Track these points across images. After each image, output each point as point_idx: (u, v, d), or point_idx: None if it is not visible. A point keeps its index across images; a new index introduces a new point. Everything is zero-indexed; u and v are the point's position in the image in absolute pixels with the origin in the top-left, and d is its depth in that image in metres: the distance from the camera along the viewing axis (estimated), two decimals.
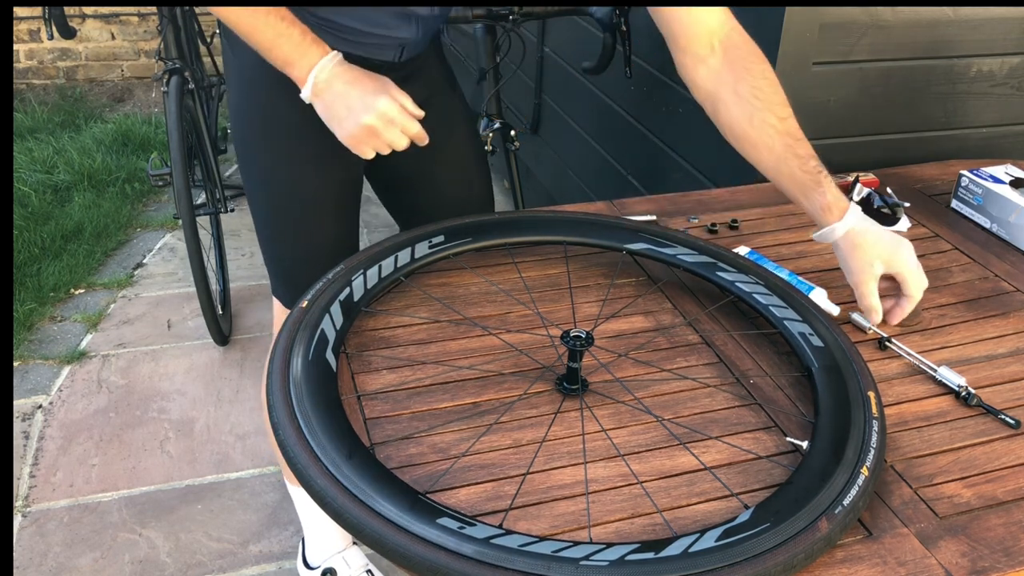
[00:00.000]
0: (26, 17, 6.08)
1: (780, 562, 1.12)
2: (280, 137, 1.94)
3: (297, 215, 1.99)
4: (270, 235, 2.05)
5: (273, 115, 1.92)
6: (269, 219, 2.03)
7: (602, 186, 3.42)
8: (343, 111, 1.68)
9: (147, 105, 6.07)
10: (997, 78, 2.49)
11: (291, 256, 2.04)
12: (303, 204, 1.98)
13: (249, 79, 1.92)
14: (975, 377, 1.58)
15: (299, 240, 2.02)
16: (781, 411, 1.47)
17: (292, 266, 2.05)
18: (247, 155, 2.00)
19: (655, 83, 2.87)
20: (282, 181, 1.97)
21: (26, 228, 4.25)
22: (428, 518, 1.14)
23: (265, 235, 2.07)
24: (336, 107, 1.69)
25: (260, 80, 1.88)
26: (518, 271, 1.83)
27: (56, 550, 2.69)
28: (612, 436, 1.40)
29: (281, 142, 1.94)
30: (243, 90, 1.95)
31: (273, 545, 2.74)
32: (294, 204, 1.98)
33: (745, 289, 1.68)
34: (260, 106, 1.93)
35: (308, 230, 2.01)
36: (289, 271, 2.06)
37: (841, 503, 1.21)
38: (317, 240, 2.01)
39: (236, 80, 1.96)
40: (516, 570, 1.08)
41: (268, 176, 1.98)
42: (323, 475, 1.20)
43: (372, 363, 1.55)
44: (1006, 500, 1.32)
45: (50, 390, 3.35)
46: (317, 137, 1.84)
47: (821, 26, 2.23)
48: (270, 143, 1.95)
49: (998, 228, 2.05)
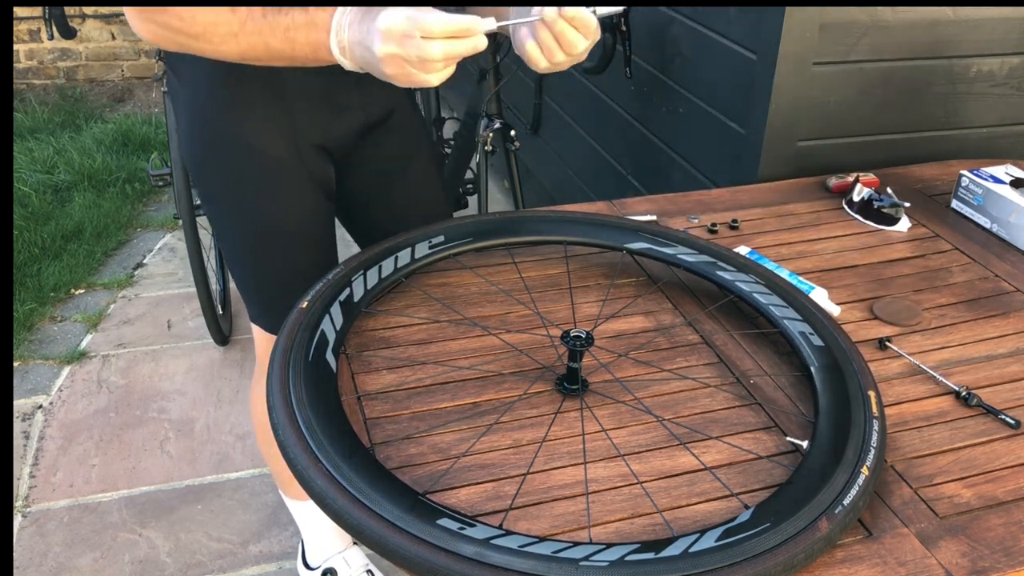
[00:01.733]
0: (26, 17, 6.08)
1: (780, 562, 1.12)
2: (256, 165, 1.87)
3: (282, 241, 1.94)
4: (250, 264, 1.98)
5: (245, 146, 1.85)
6: (248, 248, 1.96)
7: (602, 186, 3.42)
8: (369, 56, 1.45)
9: (147, 105, 6.07)
10: (997, 78, 2.49)
11: (274, 282, 1.97)
12: (286, 230, 1.93)
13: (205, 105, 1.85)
14: (975, 377, 1.58)
15: (282, 266, 1.96)
16: (781, 411, 1.47)
17: (275, 292, 1.97)
18: (216, 187, 1.93)
19: (655, 83, 2.87)
20: (260, 209, 1.91)
21: (26, 228, 4.25)
22: (428, 519, 1.14)
23: (243, 264, 1.99)
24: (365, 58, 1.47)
25: (216, 106, 1.83)
26: (518, 271, 1.83)
27: (56, 550, 2.69)
28: (612, 436, 1.40)
29: (257, 170, 1.88)
30: (196, 119, 1.87)
31: (273, 545, 2.74)
32: (276, 231, 1.93)
33: (745, 288, 1.68)
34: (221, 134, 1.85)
35: (291, 255, 1.95)
36: (273, 298, 1.98)
37: (841, 503, 1.21)
38: (300, 263, 1.95)
39: (187, 108, 1.89)
40: (516, 571, 1.08)
41: (246, 206, 1.91)
42: (323, 476, 1.20)
43: (372, 363, 1.55)
44: (1006, 500, 1.32)
45: (50, 390, 3.35)
46: (293, 161, 1.85)
47: (821, 26, 2.23)
48: (245, 173, 1.88)
49: (998, 228, 2.05)
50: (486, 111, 2.97)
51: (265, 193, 1.89)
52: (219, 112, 1.84)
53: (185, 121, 1.90)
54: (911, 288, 1.84)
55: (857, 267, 1.91)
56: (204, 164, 1.90)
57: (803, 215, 2.11)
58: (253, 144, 1.85)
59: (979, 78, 2.48)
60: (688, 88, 2.70)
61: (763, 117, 2.32)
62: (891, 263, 1.93)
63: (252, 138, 1.84)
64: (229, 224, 1.96)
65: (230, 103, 1.82)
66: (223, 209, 1.94)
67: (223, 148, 1.86)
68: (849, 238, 2.02)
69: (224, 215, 1.95)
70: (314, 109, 1.86)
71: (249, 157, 1.86)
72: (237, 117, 1.83)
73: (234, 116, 1.83)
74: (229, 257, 2.02)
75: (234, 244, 1.98)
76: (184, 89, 1.88)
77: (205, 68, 1.74)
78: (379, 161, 2.02)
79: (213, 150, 1.88)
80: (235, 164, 1.87)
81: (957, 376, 1.58)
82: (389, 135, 2.01)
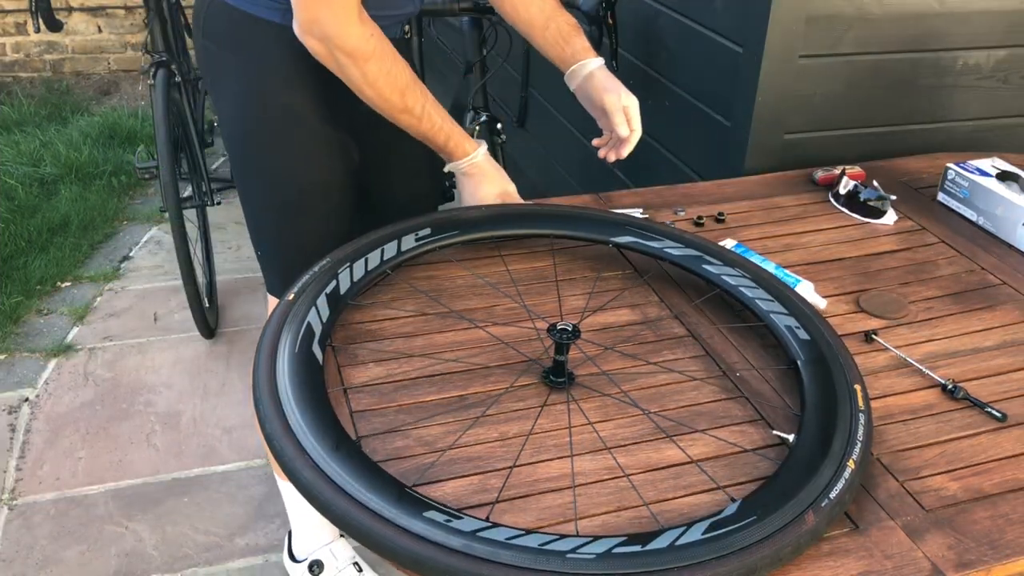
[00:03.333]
0: (12, 10, 6.05)
1: (767, 555, 1.13)
2: (306, 137, 1.95)
3: (322, 208, 2.00)
4: (277, 231, 2.05)
5: (299, 117, 1.93)
6: (287, 217, 2.01)
7: (589, 179, 3.41)
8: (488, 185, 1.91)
9: (134, 98, 6.05)
10: (984, 71, 2.50)
11: (296, 248, 2.02)
12: (327, 197, 2.00)
13: (258, 77, 1.91)
14: (961, 370, 1.58)
15: (315, 236, 1.99)
16: (767, 404, 1.47)
17: (295, 260, 1.95)
18: (261, 157, 1.99)
19: (641, 76, 2.87)
20: (305, 177, 1.98)
21: (12, 221, 4.24)
22: (415, 511, 1.14)
23: (277, 233, 2.06)
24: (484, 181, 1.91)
25: (273, 78, 1.90)
26: (505, 265, 1.83)
27: (43, 543, 2.68)
28: (598, 429, 1.40)
29: (307, 141, 1.95)
30: (250, 89, 1.93)
31: (259, 538, 2.73)
32: (317, 200, 1.99)
33: (731, 282, 1.68)
34: (273, 104, 1.92)
35: (326, 224, 2.01)
36: (291, 266, 1.95)
37: (828, 496, 1.22)
38: (333, 232, 1.99)
39: (238, 79, 1.94)
40: (503, 563, 1.08)
41: (291, 174, 1.97)
42: (310, 468, 1.19)
43: (359, 356, 1.54)
44: (992, 493, 1.32)
45: (36, 383, 3.34)
46: (339, 134, 1.93)
47: (807, 19, 2.23)
48: (295, 142, 1.95)
49: (984, 221, 2.05)
50: (472, 104, 2.97)
51: (313, 162, 1.97)
52: (277, 85, 1.91)
53: (233, 90, 1.96)
54: (897, 281, 1.85)
55: (843, 260, 1.91)
56: (252, 133, 1.97)
57: (789, 208, 2.11)
58: (307, 116, 1.93)
59: (965, 71, 2.48)
60: (674, 81, 2.70)
61: (749, 110, 2.32)
62: (877, 256, 1.94)
63: (306, 110, 1.92)
64: (269, 193, 2.01)
65: (287, 77, 1.89)
66: (264, 178, 2.00)
67: (277, 118, 1.93)
68: (835, 231, 2.02)
69: (265, 184, 2.01)
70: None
71: (301, 126, 1.94)
72: (294, 89, 1.90)
73: (291, 88, 1.90)
74: (256, 226, 2.08)
75: (265, 213, 2.05)
76: (235, 58, 1.92)
77: (264, 41, 1.85)
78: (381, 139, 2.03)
79: (264, 120, 1.94)
80: (287, 133, 1.94)
81: (943, 369, 1.58)
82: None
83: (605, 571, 1.09)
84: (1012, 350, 1.65)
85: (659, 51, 2.76)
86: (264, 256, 2.10)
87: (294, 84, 1.89)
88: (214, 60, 1.98)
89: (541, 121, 3.88)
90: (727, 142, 2.44)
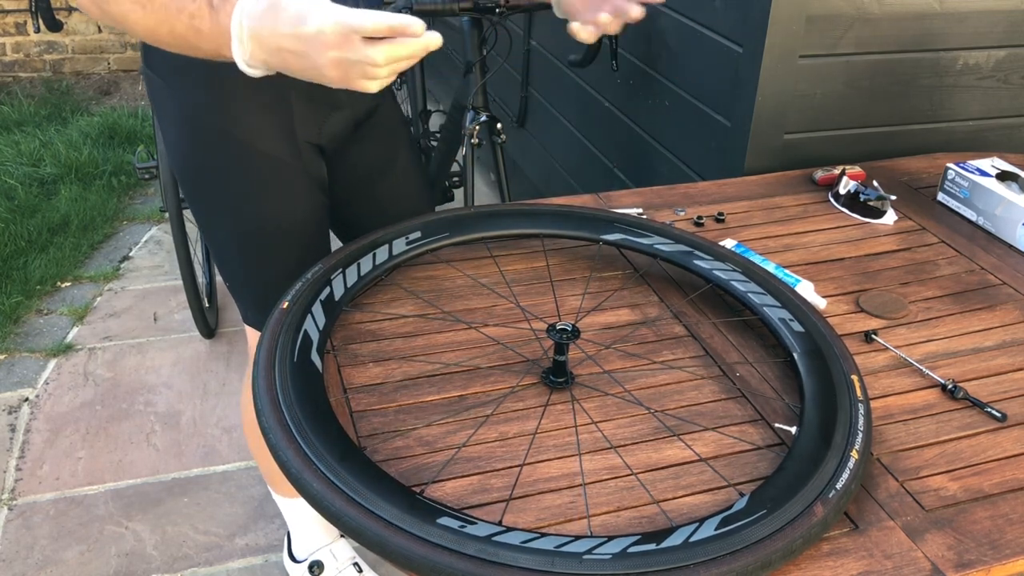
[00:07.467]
0: (13, 10, 6.06)
1: (779, 548, 1.13)
2: (254, 166, 1.83)
3: (282, 241, 1.89)
4: (245, 266, 1.93)
5: (241, 145, 1.80)
6: (244, 250, 1.91)
7: (589, 179, 3.41)
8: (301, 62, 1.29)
9: (133, 98, 6.05)
10: (984, 71, 2.50)
11: (271, 282, 1.88)
12: (286, 230, 1.89)
13: (205, 110, 1.78)
14: (961, 370, 1.58)
15: (280, 266, 1.89)
16: (767, 402, 1.47)
17: (272, 292, 1.76)
18: (208, 190, 1.87)
19: (641, 76, 2.87)
20: (259, 210, 1.86)
21: (12, 221, 4.24)
22: (428, 518, 1.13)
23: (237, 265, 1.94)
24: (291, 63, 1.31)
25: (216, 110, 1.78)
26: (497, 266, 1.83)
27: (42, 543, 2.69)
28: (600, 429, 1.40)
29: (255, 171, 1.83)
30: (195, 123, 1.80)
31: (259, 538, 2.73)
32: (275, 231, 1.88)
33: (723, 277, 1.68)
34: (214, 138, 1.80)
35: (290, 254, 1.90)
36: (268, 298, 1.78)
37: (834, 487, 1.22)
38: (297, 262, 1.87)
39: (181, 109, 1.81)
40: (520, 567, 1.08)
41: (243, 207, 1.86)
42: (318, 479, 1.18)
43: (358, 356, 1.54)
44: (992, 493, 1.32)
45: (36, 383, 3.34)
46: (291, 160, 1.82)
47: (807, 19, 2.23)
48: (242, 174, 1.83)
49: (984, 221, 2.05)
50: (472, 104, 2.97)
51: (264, 194, 1.85)
52: (213, 111, 1.78)
53: (172, 122, 1.84)
54: (897, 281, 1.85)
55: (843, 260, 1.91)
56: (195, 167, 1.85)
57: (789, 208, 2.11)
58: (250, 143, 1.81)
59: (965, 71, 2.48)
60: (674, 81, 2.70)
61: (749, 110, 2.32)
62: (877, 256, 1.93)
63: (249, 137, 1.80)
64: (222, 226, 1.90)
65: (224, 102, 1.77)
66: (215, 211, 1.89)
67: (217, 149, 1.81)
68: (835, 231, 2.02)
69: (217, 218, 1.90)
70: (310, 106, 1.84)
71: (246, 157, 1.81)
72: (232, 116, 1.78)
73: (229, 115, 1.78)
74: (220, 259, 1.96)
75: (227, 246, 1.92)
76: (169, 87, 1.81)
77: (195, 64, 1.44)
78: (364, 158, 2.02)
79: (206, 151, 1.82)
80: (231, 165, 1.82)
81: (943, 369, 1.58)
82: (373, 131, 2.00)
83: (623, 571, 1.09)
84: (1012, 350, 1.65)
85: (659, 51, 2.76)
86: (230, 285, 1.99)
87: (238, 116, 1.77)
88: (157, 91, 1.84)
89: (541, 121, 3.88)
90: (727, 142, 2.44)
